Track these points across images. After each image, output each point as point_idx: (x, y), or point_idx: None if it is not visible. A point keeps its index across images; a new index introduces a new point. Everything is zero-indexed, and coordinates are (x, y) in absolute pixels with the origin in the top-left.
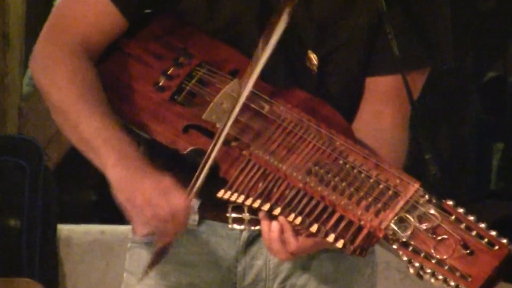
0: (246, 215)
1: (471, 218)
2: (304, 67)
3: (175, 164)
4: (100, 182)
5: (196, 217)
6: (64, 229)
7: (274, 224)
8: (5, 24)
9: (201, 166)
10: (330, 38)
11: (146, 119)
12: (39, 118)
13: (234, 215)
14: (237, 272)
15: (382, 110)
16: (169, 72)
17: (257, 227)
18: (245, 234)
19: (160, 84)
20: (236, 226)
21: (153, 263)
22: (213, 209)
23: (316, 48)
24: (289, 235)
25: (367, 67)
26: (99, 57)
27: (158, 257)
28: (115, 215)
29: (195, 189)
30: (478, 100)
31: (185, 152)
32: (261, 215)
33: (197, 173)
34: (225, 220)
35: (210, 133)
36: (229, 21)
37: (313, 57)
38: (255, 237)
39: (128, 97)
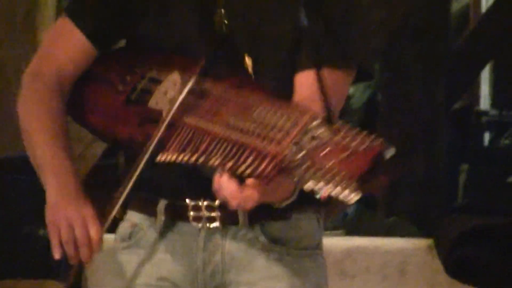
0: (204, 213)
1: (355, 130)
2: (242, 69)
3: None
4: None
5: (162, 217)
6: None
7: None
8: None
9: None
10: (261, 42)
11: (110, 124)
12: None
13: (193, 213)
14: (197, 266)
15: (311, 99)
16: (126, 78)
17: (214, 224)
18: (203, 231)
19: (118, 89)
20: (195, 224)
21: (71, 283)
22: (176, 209)
23: (250, 52)
24: (226, 179)
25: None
26: (74, 81)
27: (73, 277)
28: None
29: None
30: (448, 126)
31: (141, 141)
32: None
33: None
34: (186, 219)
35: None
36: (179, 40)
37: (247, 60)
38: (212, 234)
39: (95, 109)
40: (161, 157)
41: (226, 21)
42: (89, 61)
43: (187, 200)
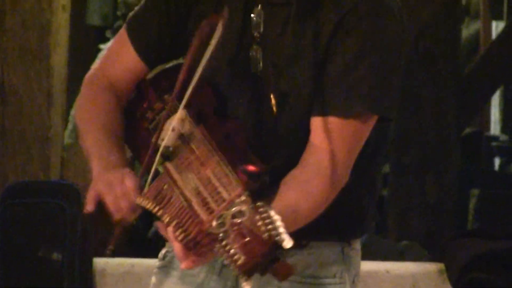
0: None
1: (270, 213)
2: (268, 107)
3: None
4: (130, 223)
5: None
6: (100, 262)
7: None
8: (49, 83)
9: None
10: (284, 81)
11: (136, 146)
12: (78, 166)
13: None
14: None
15: (321, 146)
16: (154, 106)
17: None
18: (221, 258)
19: (147, 114)
20: None
21: (115, 239)
22: None
23: (275, 91)
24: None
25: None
26: (129, 92)
27: (119, 234)
28: (144, 250)
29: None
30: (459, 151)
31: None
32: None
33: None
34: None
35: (165, 156)
36: (213, 70)
37: (272, 98)
38: None
39: (130, 129)
40: (138, 200)
41: (260, 58)
42: (140, 76)
43: None
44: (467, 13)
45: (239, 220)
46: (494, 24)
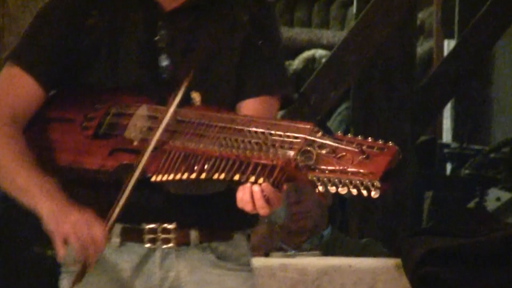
0: (159, 235)
1: (359, 137)
2: (190, 103)
3: (97, 198)
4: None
5: (118, 240)
6: None
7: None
8: None
9: (128, 180)
10: (207, 78)
11: (77, 157)
12: None
13: (149, 236)
14: (155, 284)
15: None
16: (89, 115)
17: (169, 245)
18: (158, 251)
19: (83, 124)
20: (150, 245)
21: (75, 282)
22: (132, 232)
23: (198, 88)
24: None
25: (237, 95)
26: (27, 123)
27: (80, 277)
28: None
29: (119, 208)
30: (414, 157)
31: (112, 170)
32: None
33: (123, 187)
34: (141, 241)
35: (131, 150)
36: (128, 84)
37: (196, 95)
38: (167, 254)
39: (58, 148)
40: (156, 178)
41: (171, 66)
42: (40, 102)
43: (143, 224)
44: (421, 33)
45: (333, 146)
46: (446, 42)
